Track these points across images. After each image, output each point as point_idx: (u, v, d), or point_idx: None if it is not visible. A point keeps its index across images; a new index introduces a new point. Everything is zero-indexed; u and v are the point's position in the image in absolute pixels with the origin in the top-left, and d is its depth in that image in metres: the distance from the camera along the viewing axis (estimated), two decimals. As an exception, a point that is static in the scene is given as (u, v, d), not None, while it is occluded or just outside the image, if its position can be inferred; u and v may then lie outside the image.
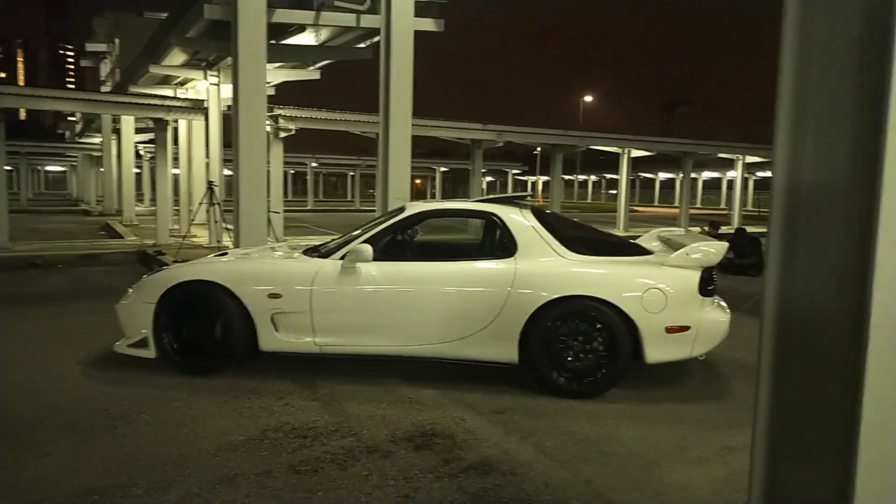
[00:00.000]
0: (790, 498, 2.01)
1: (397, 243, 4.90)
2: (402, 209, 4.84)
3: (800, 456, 1.98)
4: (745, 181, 26.20)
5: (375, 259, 4.37)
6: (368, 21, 10.15)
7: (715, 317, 4.22)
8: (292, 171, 45.62)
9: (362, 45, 11.90)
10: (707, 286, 4.16)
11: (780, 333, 2.00)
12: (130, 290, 4.77)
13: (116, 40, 24.47)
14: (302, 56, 12.85)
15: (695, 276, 4.14)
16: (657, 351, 4.11)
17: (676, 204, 34.16)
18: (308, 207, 35.53)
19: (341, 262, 4.43)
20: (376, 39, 10.82)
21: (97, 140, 25.88)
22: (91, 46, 27.89)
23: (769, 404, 2.04)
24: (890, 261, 1.74)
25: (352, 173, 46.41)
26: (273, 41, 10.61)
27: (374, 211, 9.83)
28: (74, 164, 39.76)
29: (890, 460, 1.81)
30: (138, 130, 19.44)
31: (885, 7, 1.67)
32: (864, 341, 1.78)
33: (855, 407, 1.80)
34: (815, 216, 1.90)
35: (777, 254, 1.99)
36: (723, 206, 44.32)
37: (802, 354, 1.96)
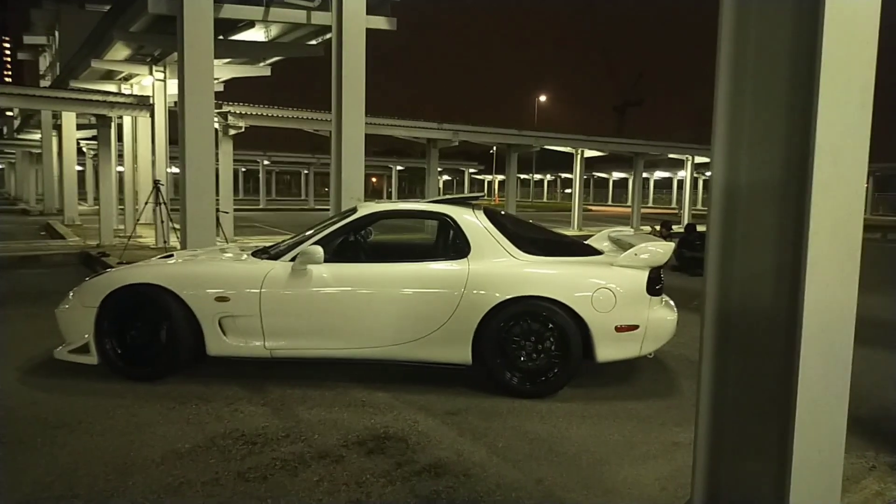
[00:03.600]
0: (731, 494, 2.06)
1: (350, 244, 4.85)
2: (354, 210, 4.79)
3: (740, 453, 2.04)
4: (694, 181, 26.96)
5: (327, 260, 4.32)
6: (319, 18, 10.06)
7: (663, 315, 4.31)
8: (244, 170, 44.85)
9: (314, 42, 11.77)
10: (655, 285, 4.25)
11: (719, 331, 2.06)
12: (71, 294, 4.59)
13: (56, 33, 23.56)
14: (251, 52, 12.63)
15: (643, 276, 4.23)
16: (607, 350, 4.18)
17: (629, 203, 34.92)
18: (260, 206, 34.93)
19: (292, 263, 4.36)
20: (328, 37, 10.73)
21: (36, 137, 24.91)
22: (29, 39, 26.78)
23: (710, 403, 2.09)
24: (821, 260, 1.81)
25: (306, 171, 45.83)
26: (221, 37, 10.40)
27: (329, 210, 9.73)
28: (13, 161, 38.14)
29: (824, 455, 1.88)
30: (80, 127, 18.75)
31: (812, 20, 1.74)
32: (797, 338, 1.84)
33: (789, 403, 1.87)
34: (750, 217, 1.97)
35: (716, 253, 2.04)
36: (674, 205, 45.48)
37: (741, 352, 2.02)
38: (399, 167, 46.26)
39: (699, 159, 25.53)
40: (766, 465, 1.96)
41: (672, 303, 4.64)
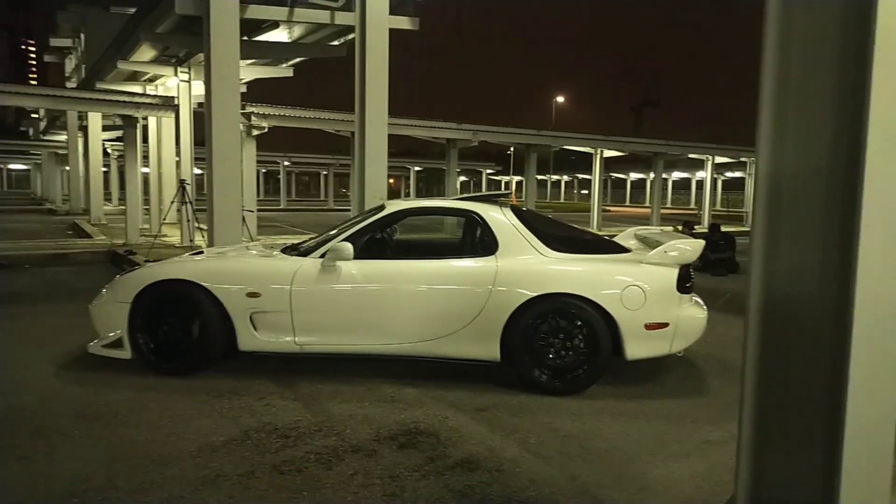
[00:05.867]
0: (776, 491, 2.04)
1: (377, 242, 4.88)
2: (381, 207, 4.82)
3: (785, 449, 2.01)
4: (713, 181, 26.74)
5: (356, 257, 4.35)
6: (342, 18, 10.11)
7: (693, 313, 4.28)
8: (264, 171, 45.11)
9: (336, 43, 11.83)
10: (685, 283, 4.22)
11: (764, 327, 2.03)
12: (104, 290, 4.66)
13: (82, 35, 23.91)
14: (275, 53, 12.72)
15: (673, 274, 4.20)
16: (637, 348, 4.16)
17: (647, 204, 34.61)
18: (281, 207, 35.15)
19: (321, 260, 4.39)
20: (351, 37, 10.77)
21: (62, 137, 25.28)
22: (55, 41, 27.16)
23: (754, 398, 2.07)
24: (871, 253, 1.78)
25: (325, 172, 46.04)
26: (245, 37, 10.48)
27: (348, 210, 9.78)
28: (39, 162, 38.73)
29: (875, 451, 1.85)
30: (105, 128, 19.01)
31: (864, 1, 1.71)
32: (847, 333, 1.82)
33: (840, 399, 1.84)
34: (797, 210, 1.94)
35: (760, 248, 2.02)
36: (692, 206, 45.03)
37: (786, 347, 1.99)
38: (417, 168, 46.32)
39: (719, 159, 25.27)
40: (814, 461, 1.93)
41: (701, 301, 4.60)
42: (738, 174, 33.47)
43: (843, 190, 1.82)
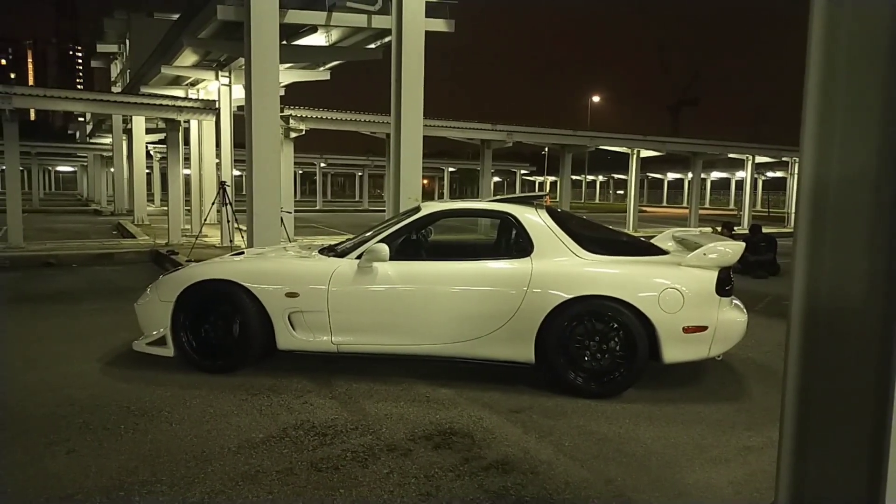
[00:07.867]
0: (818, 499, 2.01)
1: (412, 243, 4.91)
2: (417, 209, 4.85)
3: (828, 456, 1.98)
4: (754, 181, 26.12)
5: (391, 258, 4.39)
6: (379, 22, 10.21)
7: (733, 317, 4.21)
8: (300, 172, 45.78)
9: (373, 46, 11.95)
10: (724, 286, 4.15)
11: (807, 332, 2.00)
12: (148, 290, 4.81)
13: (127, 41, 24.65)
14: (313, 56, 12.90)
15: (712, 276, 4.13)
16: (675, 351, 4.11)
17: (685, 204, 34.02)
18: (317, 208, 35.64)
19: (358, 261, 4.45)
20: (387, 40, 10.88)
21: (108, 140, 26.05)
22: (102, 47, 28.09)
23: (796, 403, 2.04)
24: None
25: (360, 173, 46.52)
26: (284, 42, 10.67)
27: (383, 211, 9.84)
28: (85, 164, 40.02)
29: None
30: (149, 131, 19.54)
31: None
32: (892, 342, 1.78)
33: (885, 407, 1.80)
34: (842, 215, 1.90)
35: (804, 252, 1.98)
36: (731, 206, 44.11)
37: (830, 352, 1.96)
38: (450, 168, 46.42)
39: (760, 159, 24.71)
40: (858, 470, 1.89)
41: (741, 304, 4.52)
42: (779, 174, 32.63)
43: (892, 194, 1.78)
